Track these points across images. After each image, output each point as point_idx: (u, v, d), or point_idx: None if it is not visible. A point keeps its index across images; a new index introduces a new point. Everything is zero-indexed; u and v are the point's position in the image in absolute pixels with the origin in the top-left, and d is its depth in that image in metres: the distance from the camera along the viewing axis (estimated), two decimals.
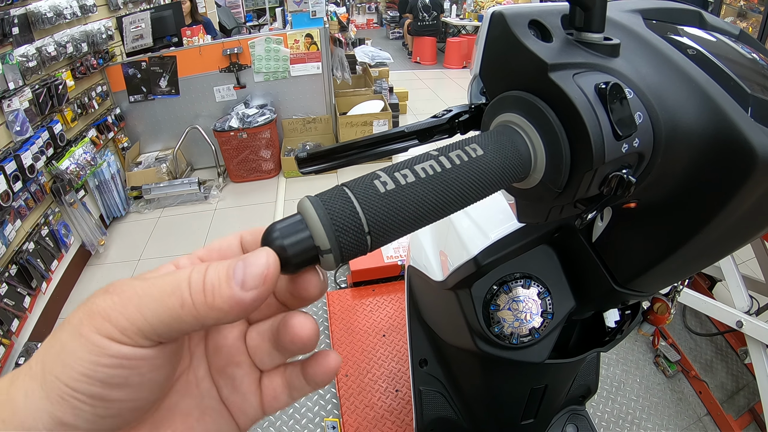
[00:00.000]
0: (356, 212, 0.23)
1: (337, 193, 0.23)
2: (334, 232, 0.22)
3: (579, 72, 0.29)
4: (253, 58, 3.28)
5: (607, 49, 0.32)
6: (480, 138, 0.29)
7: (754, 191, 0.32)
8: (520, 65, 0.31)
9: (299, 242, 0.22)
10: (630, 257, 0.45)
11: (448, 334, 0.78)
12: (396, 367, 1.64)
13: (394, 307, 1.87)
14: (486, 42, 0.35)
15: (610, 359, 1.85)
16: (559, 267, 0.58)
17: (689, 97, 0.32)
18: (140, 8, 3.47)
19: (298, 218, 0.23)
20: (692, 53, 0.35)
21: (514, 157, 0.29)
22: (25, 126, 2.21)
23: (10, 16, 2.16)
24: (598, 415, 1.64)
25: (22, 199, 2.15)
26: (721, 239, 0.39)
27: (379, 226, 0.23)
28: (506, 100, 0.32)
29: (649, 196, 0.37)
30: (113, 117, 3.12)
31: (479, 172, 0.27)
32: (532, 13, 0.33)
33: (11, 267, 2.02)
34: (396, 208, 0.24)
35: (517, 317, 0.57)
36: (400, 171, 0.25)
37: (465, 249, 0.60)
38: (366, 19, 8.84)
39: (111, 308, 0.20)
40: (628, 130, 0.29)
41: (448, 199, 0.25)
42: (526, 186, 0.32)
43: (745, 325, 1.44)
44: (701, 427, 1.64)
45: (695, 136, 0.32)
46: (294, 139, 3.58)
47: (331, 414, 1.65)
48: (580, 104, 0.28)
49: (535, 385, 0.72)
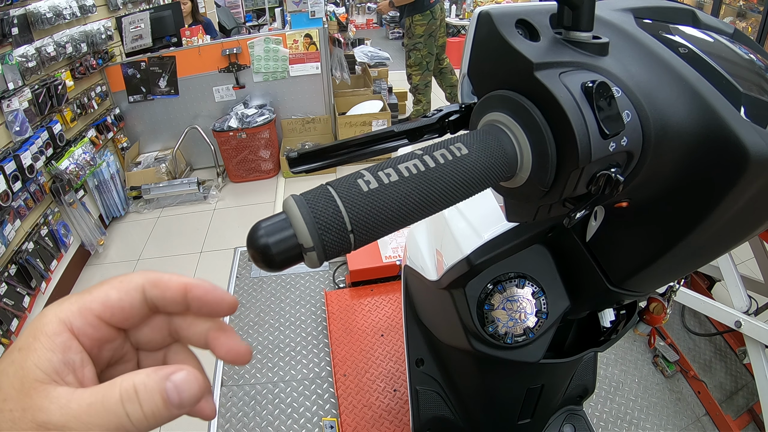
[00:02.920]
0: (339, 211, 0.23)
1: (321, 192, 0.23)
2: (317, 231, 0.22)
3: (566, 71, 0.29)
4: (252, 59, 3.28)
5: (595, 47, 0.32)
6: (465, 137, 0.28)
7: (746, 190, 0.32)
8: (506, 65, 0.31)
9: (283, 240, 0.22)
10: (624, 257, 0.45)
11: (443, 333, 0.78)
12: (394, 366, 1.64)
13: (392, 307, 1.87)
14: (473, 42, 0.35)
15: (608, 359, 1.85)
16: (553, 267, 0.57)
17: (680, 96, 0.32)
18: (139, 8, 3.48)
19: (282, 217, 0.23)
20: (684, 52, 0.35)
21: (499, 156, 0.29)
22: (25, 126, 2.21)
23: (9, 16, 2.16)
24: (596, 415, 1.64)
25: (21, 199, 2.15)
26: (714, 239, 0.39)
27: (362, 225, 0.23)
28: (493, 99, 0.32)
29: (641, 196, 0.37)
30: (113, 117, 3.12)
31: (463, 170, 0.27)
32: (519, 13, 0.33)
33: (11, 267, 2.02)
34: (379, 206, 0.24)
35: (511, 317, 0.57)
36: (383, 170, 0.25)
37: (459, 248, 0.60)
38: (365, 19, 8.84)
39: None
40: (615, 128, 0.28)
41: (432, 197, 0.25)
42: (513, 185, 0.32)
43: (744, 325, 1.44)
44: (700, 427, 1.64)
45: (686, 135, 0.32)
46: (293, 139, 3.58)
47: (329, 414, 1.65)
48: (566, 103, 0.28)
49: (532, 385, 0.72)
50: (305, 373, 1.82)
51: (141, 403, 0.23)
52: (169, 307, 0.28)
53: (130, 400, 0.23)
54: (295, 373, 1.82)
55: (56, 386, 0.23)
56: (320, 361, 1.86)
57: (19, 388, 0.23)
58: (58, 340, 0.24)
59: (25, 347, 0.24)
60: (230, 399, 1.75)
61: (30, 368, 0.23)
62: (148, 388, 0.23)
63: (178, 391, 0.24)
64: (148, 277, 0.27)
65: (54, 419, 0.22)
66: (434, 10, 3.66)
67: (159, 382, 0.24)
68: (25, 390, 0.23)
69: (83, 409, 0.22)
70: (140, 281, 0.27)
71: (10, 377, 0.23)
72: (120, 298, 0.26)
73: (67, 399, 0.23)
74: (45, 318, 0.25)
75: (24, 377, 0.23)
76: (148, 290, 0.27)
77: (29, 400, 0.23)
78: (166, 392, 0.23)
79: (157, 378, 0.24)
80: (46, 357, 0.24)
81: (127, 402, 0.23)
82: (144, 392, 0.23)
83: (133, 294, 0.27)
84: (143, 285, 0.27)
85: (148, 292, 0.27)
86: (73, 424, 0.22)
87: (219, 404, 1.72)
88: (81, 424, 0.22)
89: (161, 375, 0.24)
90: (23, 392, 0.23)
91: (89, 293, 0.26)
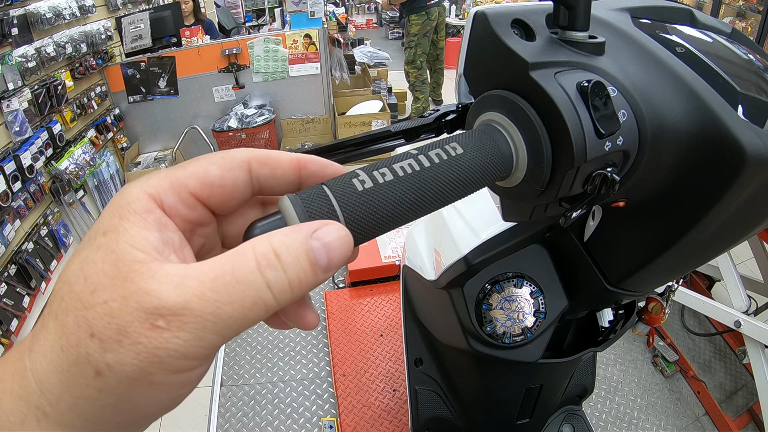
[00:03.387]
0: (334, 210, 0.23)
1: (316, 191, 0.23)
2: None
3: (561, 70, 0.29)
4: (252, 59, 3.29)
5: (591, 47, 0.32)
6: (460, 137, 0.29)
7: (743, 190, 0.32)
8: (502, 64, 0.31)
9: None
10: (621, 256, 0.45)
11: (441, 333, 0.78)
12: (393, 366, 1.64)
13: (391, 307, 1.87)
14: (469, 41, 0.35)
15: (607, 359, 1.85)
16: (551, 266, 0.58)
17: (676, 95, 0.32)
18: (139, 9, 3.48)
19: (278, 216, 0.23)
20: (681, 51, 0.35)
21: (495, 156, 0.29)
22: (25, 126, 2.21)
23: (9, 16, 2.16)
24: (595, 415, 1.64)
25: (21, 200, 2.15)
26: (711, 238, 0.39)
27: (357, 224, 0.23)
28: (489, 99, 0.32)
29: (638, 195, 0.37)
30: (112, 117, 3.13)
31: (458, 170, 0.27)
32: (515, 13, 0.33)
33: (10, 267, 2.03)
34: (373, 206, 0.24)
35: (509, 316, 0.57)
36: (378, 170, 0.25)
37: (457, 248, 0.60)
38: (365, 19, 8.84)
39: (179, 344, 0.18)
40: (611, 128, 0.28)
41: (427, 197, 0.26)
42: (508, 184, 0.32)
43: (744, 325, 1.44)
44: (699, 427, 1.64)
45: (683, 135, 0.32)
46: (293, 139, 3.58)
47: (329, 413, 1.65)
48: (561, 102, 0.28)
49: (530, 385, 0.72)
50: (305, 373, 1.82)
51: (285, 268, 0.19)
52: (279, 187, 0.24)
53: (271, 266, 0.19)
54: (294, 373, 1.82)
55: (162, 263, 0.19)
56: (320, 361, 1.86)
57: (114, 274, 0.18)
58: (150, 217, 0.20)
59: (111, 229, 0.19)
60: (230, 399, 1.75)
61: (124, 249, 0.19)
62: (291, 249, 0.19)
63: (327, 250, 0.20)
64: (254, 154, 0.23)
65: (169, 302, 0.18)
66: (430, 12, 3.69)
67: (303, 241, 0.19)
68: (122, 275, 0.18)
69: (207, 285, 0.18)
70: (245, 157, 0.23)
71: (98, 264, 0.19)
72: (221, 175, 0.22)
73: (182, 276, 0.18)
74: (129, 195, 0.20)
75: (118, 260, 0.18)
76: (255, 169, 0.23)
77: (130, 285, 0.18)
78: (312, 252, 0.19)
79: (299, 237, 0.20)
80: (142, 235, 0.19)
81: (267, 269, 0.19)
82: (287, 254, 0.19)
83: (237, 172, 0.23)
84: (249, 162, 0.23)
85: (255, 171, 0.23)
86: (195, 304, 0.18)
87: (218, 404, 1.72)
88: (206, 304, 0.18)
89: (304, 233, 0.20)
90: (119, 278, 0.18)
91: (183, 168, 0.22)
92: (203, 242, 0.24)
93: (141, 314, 0.18)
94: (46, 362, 0.18)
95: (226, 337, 0.19)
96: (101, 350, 0.18)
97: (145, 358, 0.18)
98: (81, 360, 0.18)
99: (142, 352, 0.18)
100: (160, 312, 0.18)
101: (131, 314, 0.18)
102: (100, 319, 0.18)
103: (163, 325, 0.18)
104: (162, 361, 0.18)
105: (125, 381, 0.18)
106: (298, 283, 0.19)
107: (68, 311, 0.18)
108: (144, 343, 0.17)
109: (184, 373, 0.19)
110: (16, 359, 0.19)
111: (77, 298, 0.18)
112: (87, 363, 0.18)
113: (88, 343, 0.18)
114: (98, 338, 0.18)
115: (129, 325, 0.18)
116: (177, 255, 0.20)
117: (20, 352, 0.20)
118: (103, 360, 0.18)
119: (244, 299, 0.18)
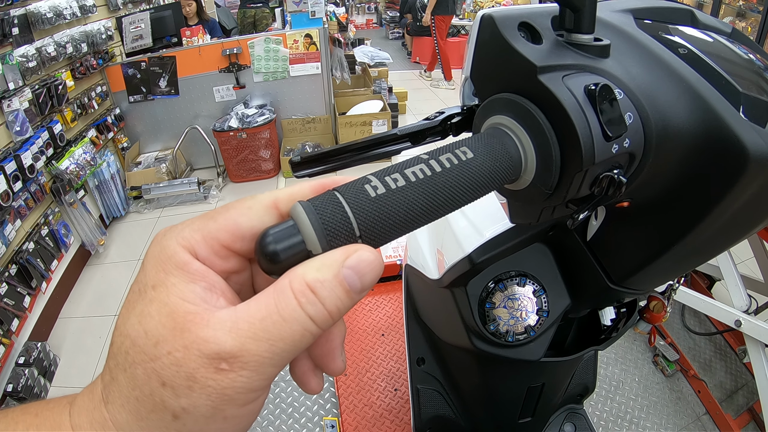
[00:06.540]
0: (347, 217, 0.23)
1: (328, 198, 0.23)
2: (325, 237, 0.22)
3: (568, 74, 0.29)
4: (253, 59, 3.29)
5: (596, 50, 0.32)
6: (470, 141, 0.29)
7: (746, 189, 0.33)
8: (509, 68, 0.31)
9: (291, 247, 0.22)
10: (624, 255, 0.46)
11: (444, 332, 0.78)
12: (395, 366, 1.64)
13: (393, 307, 1.87)
14: (476, 45, 0.35)
15: (608, 358, 1.85)
16: (554, 265, 0.58)
17: (680, 97, 0.32)
18: (140, 8, 3.48)
19: (290, 223, 0.23)
20: (683, 52, 0.35)
21: (504, 160, 0.29)
22: (25, 126, 2.21)
23: (10, 16, 2.16)
24: (596, 414, 1.65)
25: (22, 199, 2.15)
26: (713, 237, 0.39)
27: (370, 230, 0.23)
28: (496, 102, 0.32)
29: (642, 195, 0.37)
30: (113, 117, 3.12)
31: (469, 174, 0.27)
32: (521, 15, 0.33)
33: (11, 267, 2.03)
34: (386, 212, 0.24)
35: (512, 315, 0.58)
36: (390, 175, 0.25)
37: (460, 247, 0.60)
38: (365, 19, 8.84)
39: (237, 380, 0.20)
40: (618, 130, 0.29)
41: (439, 202, 0.26)
42: (517, 187, 0.32)
43: (744, 324, 1.44)
44: (700, 426, 1.65)
45: (686, 135, 0.32)
46: (293, 139, 3.58)
47: (330, 413, 1.65)
48: (570, 106, 0.28)
49: (532, 384, 0.73)
50: None
51: (323, 301, 0.21)
52: None
53: (310, 302, 0.20)
54: None
55: (212, 311, 0.20)
56: None
57: (172, 326, 0.20)
58: (192, 268, 0.22)
59: (159, 283, 0.21)
60: None
61: (176, 303, 0.20)
62: (326, 283, 0.21)
63: (359, 275, 0.21)
64: (278, 195, 0.24)
65: (227, 346, 0.19)
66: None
67: (336, 273, 0.21)
68: (179, 326, 0.20)
69: (258, 326, 0.20)
70: (271, 202, 0.24)
71: (154, 317, 0.20)
72: (252, 226, 0.23)
73: (233, 321, 0.20)
74: (168, 249, 0.22)
75: (173, 312, 0.20)
76: (283, 207, 0.24)
77: (189, 335, 0.20)
78: (345, 281, 0.21)
79: (331, 269, 0.21)
80: (189, 289, 0.21)
81: (307, 304, 0.20)
82: (322, 288, 0.21)
83: (266, 219, 0.24)
84: (275, 204, 0.24)
85: (283, 209, 0.24)
86: (251, 345, 0.20)
87: None
88: (261, 343, 0.20)
89: (334, 264, 0.21)
90: (177, 329, 0.20)
91: (213, 220, 0.23)
92: (238, 288, 0.25)
93: (204, 360, 0.19)
94: (126, 412, 0.20)
95: (282, 366, 0.21)
96: (175, 396, 0.20)
97: (216, 398, 0.20)
98: (158, 407, 0.20)
99: (212, 394, 0.20)
100: (221, 356, 0.19)
101: (195, 361, 0.19)
102: (168, 368, 0.20)
103: (226, 368, 0.20)
104: (231, 398, 0.20)
105: (201, 420, 0.20)
106: (337, 311, 0.21)
107: (136, 364, 0.20)
108: (213, 386, 0.20)
109: (250, 404, 0.21)
110: (91, 408, 0.21)
111: (142, 351, 0.20)
112: (164, 409, 0.20)
113: (161, 392, 0.20)
114: (170, 386, 0.20)
115: (195, 371, 0.19)
116: (225, 298, 0.22)
117: (93, 401, 0.22)
118: (179, 405, 0.20)
119: (293, 334, 0.20)
